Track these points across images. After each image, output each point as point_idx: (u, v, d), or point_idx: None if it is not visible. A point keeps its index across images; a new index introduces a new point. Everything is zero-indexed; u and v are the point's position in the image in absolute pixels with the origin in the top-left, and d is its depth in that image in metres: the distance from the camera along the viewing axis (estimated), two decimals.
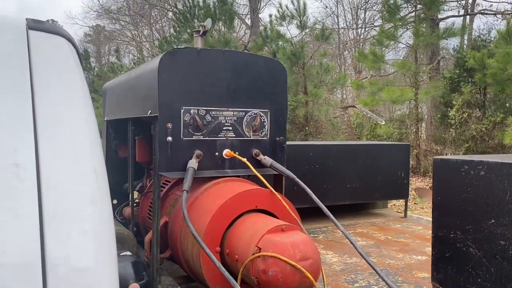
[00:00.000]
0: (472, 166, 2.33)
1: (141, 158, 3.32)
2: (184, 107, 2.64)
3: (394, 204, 8.17)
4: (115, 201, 3.95)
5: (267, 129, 2.92)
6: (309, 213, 3.87)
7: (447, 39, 12.92)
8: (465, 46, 15.30)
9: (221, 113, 2.76)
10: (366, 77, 16.66)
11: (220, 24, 16.34)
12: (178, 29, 17.48)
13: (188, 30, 16.09)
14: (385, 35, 12.74)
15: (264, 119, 2.90)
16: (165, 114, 2.59)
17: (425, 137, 14.20)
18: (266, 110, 2.91)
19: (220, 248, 2.42)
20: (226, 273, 2.04)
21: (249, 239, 2.23)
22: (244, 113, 2.83)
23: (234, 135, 2.81)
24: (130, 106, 3.21)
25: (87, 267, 1.14)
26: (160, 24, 30.46)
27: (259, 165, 2.85)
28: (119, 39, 32.97)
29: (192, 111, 2.66)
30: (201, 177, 2.72)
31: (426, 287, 3.23)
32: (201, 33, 3.02)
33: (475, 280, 2.28)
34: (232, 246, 2.35)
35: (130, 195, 3.45)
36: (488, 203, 2.24)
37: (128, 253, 2.83)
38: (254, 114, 2.86)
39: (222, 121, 2.77)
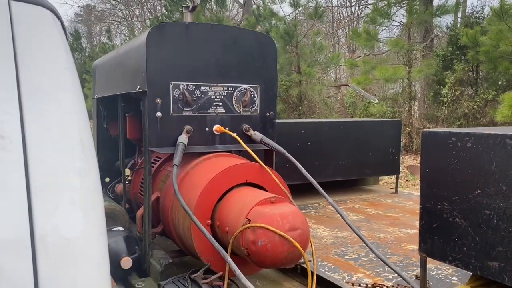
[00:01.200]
0: (459, 138, 2.35)
1: (132, 135, 3.32)
2: (173, 82, 2.63)
3: (386, 182, 8.25)
4: (107, 179, 3.97)
5: (257, 105, 2.92)
6: (300, 190, 3.91)
7: (440, 17, 12.88)
8: (458, 24, 15.23)
9: (210, 88, 2.75)
10: (360, 56, 16.59)
11: (213, 3, 16.13)
12: (169, 8, 17.25)
13: (180, 9, 15.88)
14: (378, 13, 12.67)
15: (254, 94, 2.89)
16: (154, 89, 2.58)
17: (417, 115, 14.25)
18: (256, 85, 2.90)
19: (211, 221, 2.45)
20: (217, 244, 2.07)
21: (239, 211, 2.26)
22: (234, 89, 2.83)
23: (224, 111, 2.81)
24: (119, 82, 3.19)
25: (76, 237, 1.15)
26: (152, 3, 29.99)
27: (249, 140, 2.86)
28: (110, 19, 32.48)
29: (181, 86, 2.65)
30: (191, 153, 2.73)
31: (414, 258, 3.30)
32: (190, 8, 2.98)
33: (460, 249, 2.33)
34: (222, 219, 2.38)
35: (122, 172, 3.46)
36: (474, 174, 2.27)
37: (121, 228, 2.86)
38: (244, 89, 2.86)
39: (212, 97, 2.76)
